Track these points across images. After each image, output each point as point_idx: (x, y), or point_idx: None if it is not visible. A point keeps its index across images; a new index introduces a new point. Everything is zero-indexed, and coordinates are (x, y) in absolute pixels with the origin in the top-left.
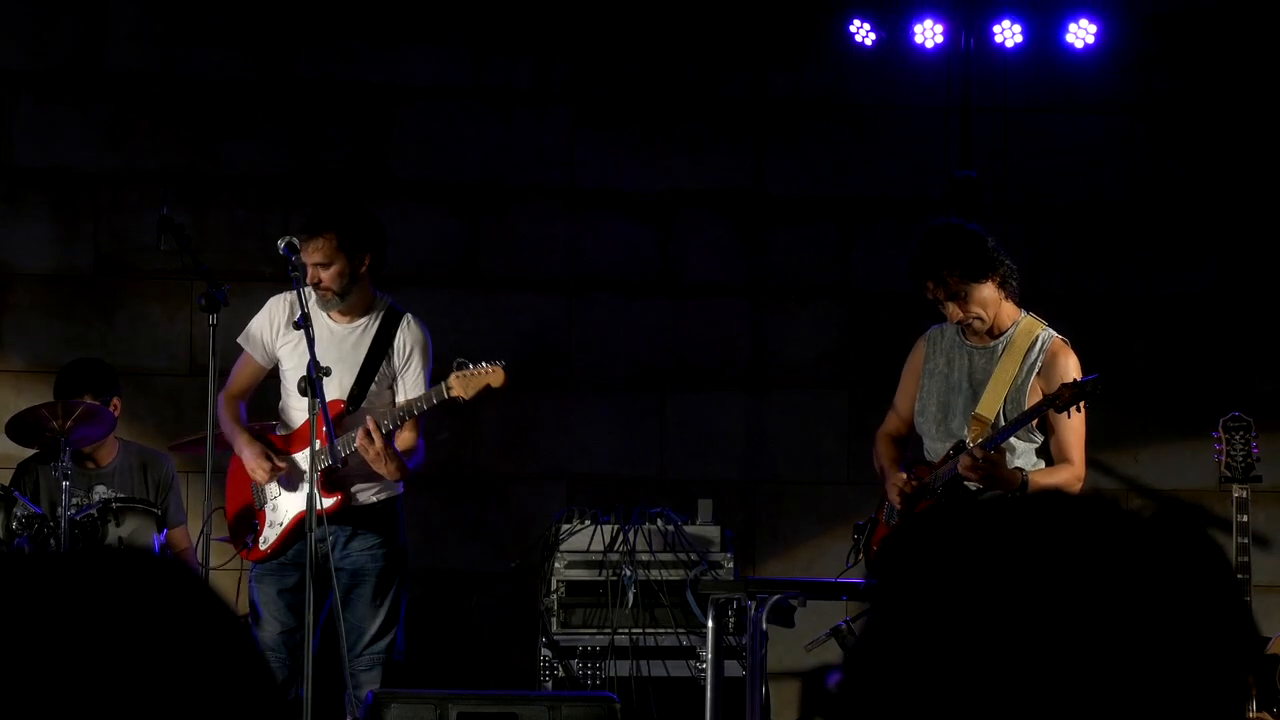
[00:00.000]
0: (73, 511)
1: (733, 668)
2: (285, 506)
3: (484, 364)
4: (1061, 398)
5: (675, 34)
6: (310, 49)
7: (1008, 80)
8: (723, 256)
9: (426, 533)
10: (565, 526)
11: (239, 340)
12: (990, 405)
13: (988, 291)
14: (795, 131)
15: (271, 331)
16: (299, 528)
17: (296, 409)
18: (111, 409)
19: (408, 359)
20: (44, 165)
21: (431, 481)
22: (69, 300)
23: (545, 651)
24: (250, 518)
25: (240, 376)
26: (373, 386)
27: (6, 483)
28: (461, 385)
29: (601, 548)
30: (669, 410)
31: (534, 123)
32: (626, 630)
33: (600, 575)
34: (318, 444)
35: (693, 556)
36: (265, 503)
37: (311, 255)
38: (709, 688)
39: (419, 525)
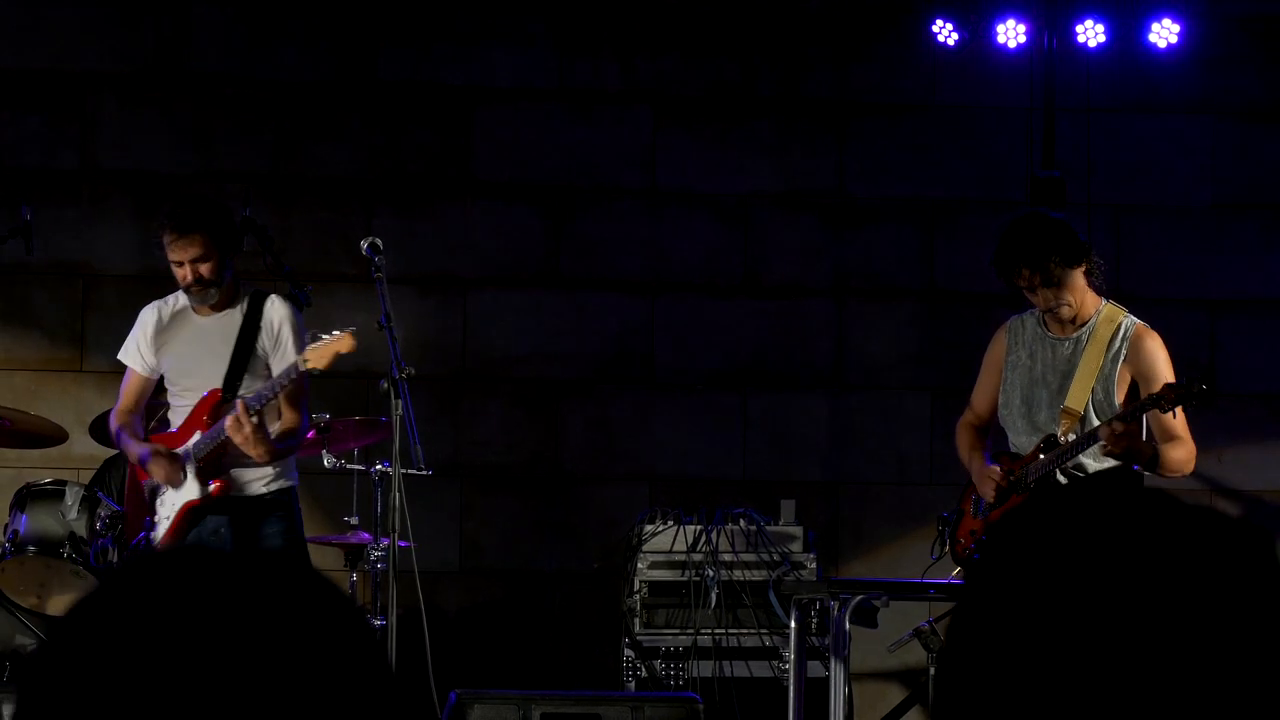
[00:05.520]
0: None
1: (815, 668)
2: (171, 500)
3: (334, 331)
4: (1167, 398)
5: (757, 34)
6: (392, 50)
7: (1090, 80)
8: (805, 257)
9: (508, 533)
10: (648, 527)
11: (119, 357)
12: (1079, 397)
13: (1078, 279)
14: (878, 132)
15: (147, 341)
16: (187, 518)
17: (176, 408)
18: None
19: (277, 336)
20: (127, 167)
21: (514, 482)
22: (152, 301)
23: (628, 652)
24: (145, 520)
25: (128, 392)
26: (248, 372)
27: (91, 480)
28: (315, 357)
29: (684, 548)
30: (751, 411)
31: (617, 123)
32: (709, 631)
33: (683, 576)
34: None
35: (775, 557)
36: (157, 498)
37: (182, 251)
38: (791, 688)
39: (500, 525)
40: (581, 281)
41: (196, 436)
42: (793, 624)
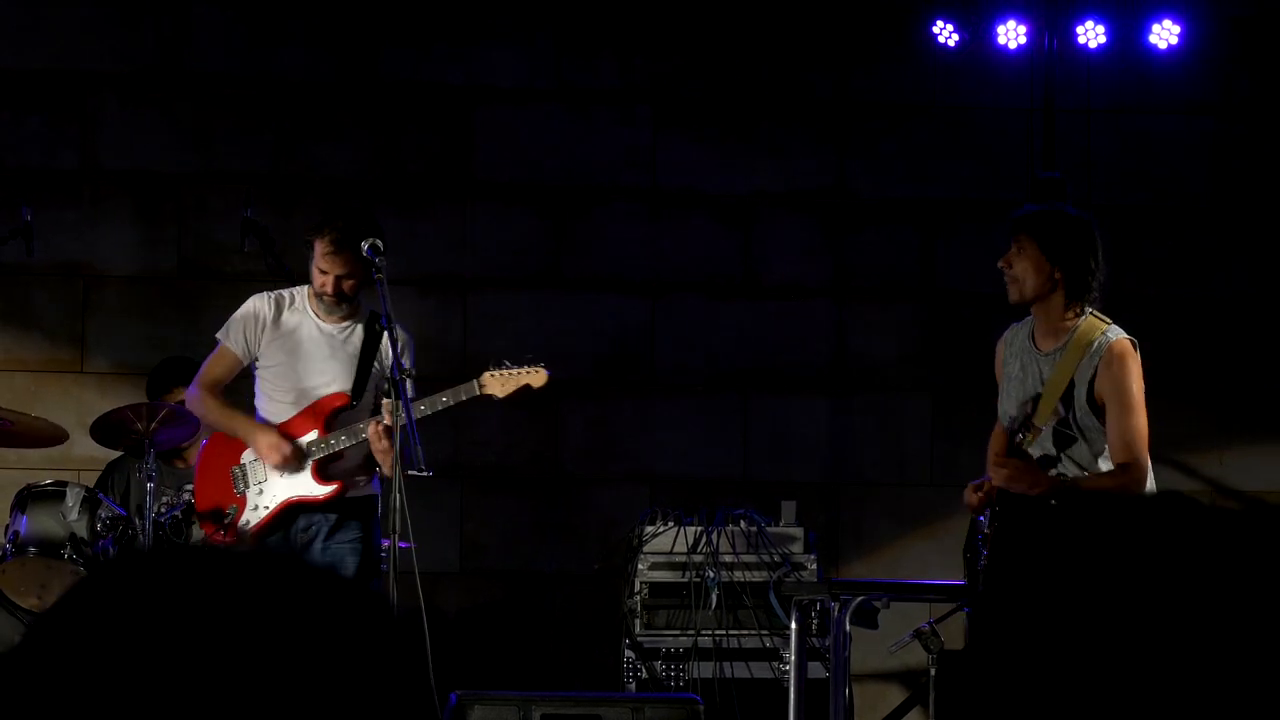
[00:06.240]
0: (161, 512)
1: (816, 669)
2: (273, 491)
3: (525, 366)
4: (1025, 420)
5: (758, 35)
6: (393, 50)
7: (1091, 81)
8: (805, 257)
9: (509, 534)
10: (649, 528)
11: (218, 335)
12: (1044, 413)
13: (1040, 268)
14: (878, 133)
15: (256, 329)
16: (286, 513)
17: (280, 403)
18: None
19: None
20: (128, 167)
21: (514, 483)
22: (153, 302)
23: (628, 653)
24: (227, 503)
25: (216, 369)
26: (368, 387)
27: (93, 484)
28: (498, 384)
29: (685, 549)
30: (751, 412)
31: (617, 124)
32: (710, 632)
33: (683, 577)
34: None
35: (776, 558)
36: (248, 487)
37: (335, 266)
38: (792, 689)
39: (501, 526)
40: (582, 282)
41: (313, 435)
42: (793, 625)
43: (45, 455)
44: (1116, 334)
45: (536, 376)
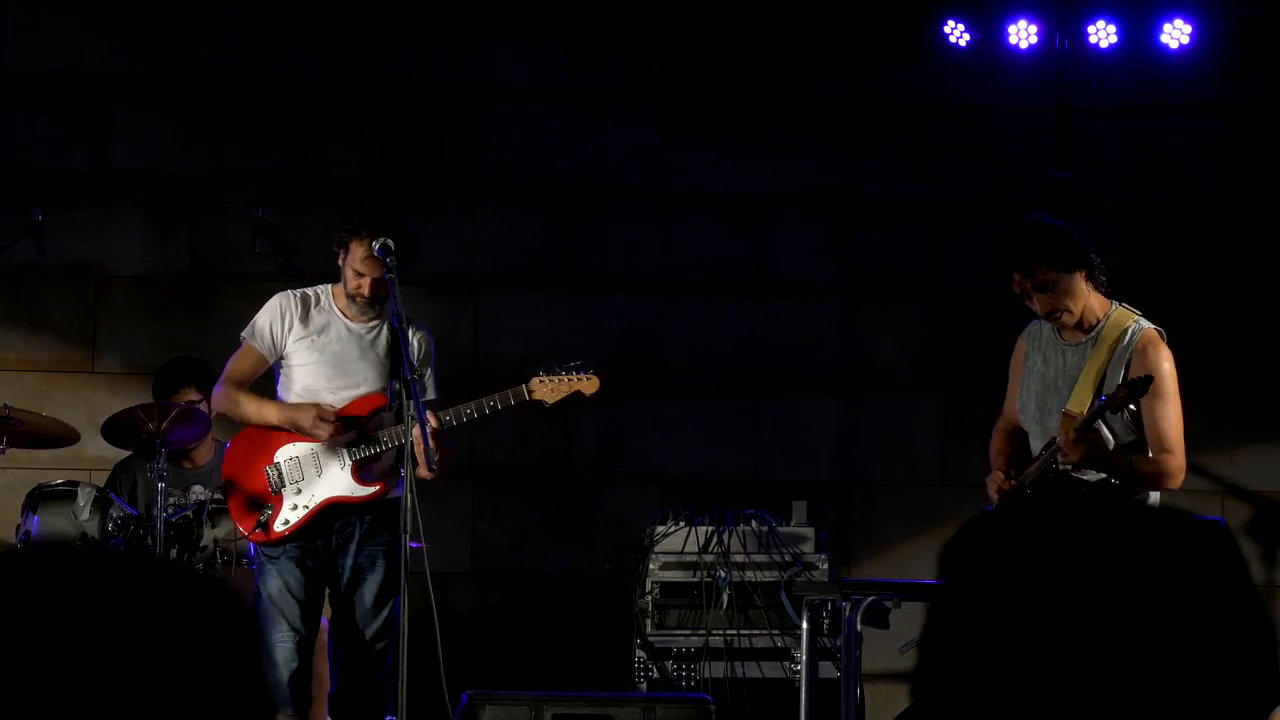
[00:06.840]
0: (170, 513)
1: (827, 669)
2: (313, 490)
3: (576, 373)
4: (1117, 398)
5: (768, 36)
6: (404, 51)
7: (1102, 81)
8: (816, 258)
9: (520, 534)
10: (660, 528)
11: (243, 334)
12: (1081, 401)
13: (1076, 283)
14: (889, 132)
15: (283, 327)
16: (325, 513)
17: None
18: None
19: (423, 361)
20: (138, 168)
21: (525, 483)
22: (164, 302)
23: (640, 653)
24: (261, 501)
25: (242, 368)
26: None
27: (103, 484)
28: (548, 390)
29: (696, 549)
30: (762, 412)
31: (628, 124)
32: (721, 631)
33: (695, 576)
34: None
35: (787, 558)
36: (284, 485)
37: (374, 269)
38: (803, 689)
39: (512, 526)
40: (593, 282)
41: (352, 434)
42: (805, 625)
43: (56, 455)
44: (1147, 324)
45: (589, 384)
